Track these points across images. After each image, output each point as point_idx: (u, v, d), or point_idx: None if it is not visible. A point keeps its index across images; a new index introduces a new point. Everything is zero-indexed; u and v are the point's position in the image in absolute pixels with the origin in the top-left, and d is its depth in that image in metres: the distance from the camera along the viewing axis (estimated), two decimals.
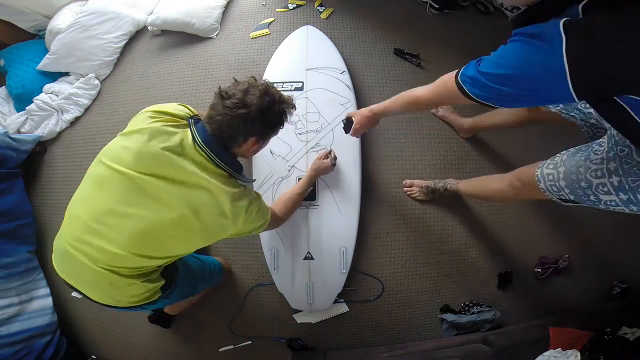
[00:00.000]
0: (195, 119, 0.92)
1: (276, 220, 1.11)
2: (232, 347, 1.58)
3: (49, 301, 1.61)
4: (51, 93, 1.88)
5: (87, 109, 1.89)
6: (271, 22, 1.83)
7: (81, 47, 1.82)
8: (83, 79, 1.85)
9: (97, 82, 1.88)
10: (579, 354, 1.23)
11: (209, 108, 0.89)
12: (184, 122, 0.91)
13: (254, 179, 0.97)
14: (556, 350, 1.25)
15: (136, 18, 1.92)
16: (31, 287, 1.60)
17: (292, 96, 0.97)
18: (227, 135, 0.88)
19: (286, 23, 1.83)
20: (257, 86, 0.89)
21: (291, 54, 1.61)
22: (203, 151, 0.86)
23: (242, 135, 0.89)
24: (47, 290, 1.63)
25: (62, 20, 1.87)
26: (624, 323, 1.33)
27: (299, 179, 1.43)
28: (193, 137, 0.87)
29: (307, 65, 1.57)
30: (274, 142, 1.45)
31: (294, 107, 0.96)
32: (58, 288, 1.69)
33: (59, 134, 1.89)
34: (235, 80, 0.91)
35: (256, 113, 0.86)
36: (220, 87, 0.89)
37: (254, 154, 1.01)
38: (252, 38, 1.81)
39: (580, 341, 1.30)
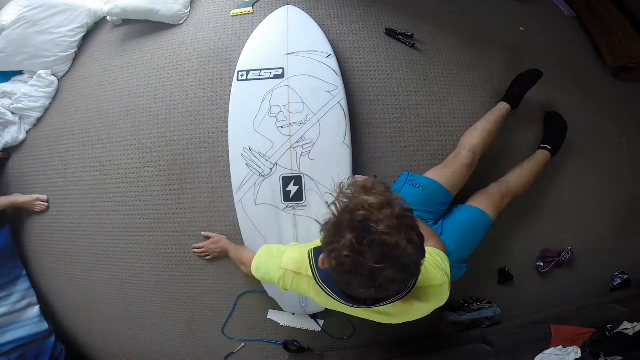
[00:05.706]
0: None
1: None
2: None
3: (36, 309, 1.59)
4: (4, 95, 1.70)
5: (47, 110, 1.73)
6: (257, 0, 1.65)
7: (31, 44, 1.64)
8: (36, 76, 1.68)
9: (52, 78, 1.70)
10: (579, 351, 1.23)
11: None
12: None
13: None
14: (557, 347, 1.25)
15: (92, 9, 1.73)
16: (19, 297, 1.55)
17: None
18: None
19: (264, 4, 1.64)
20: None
21: (269, 37, 1.44)
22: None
23: None
24: (34, 299, 1.60)
25: (6, 16, 1.68)
26: (625, 317, 1.32)
27: (283, 177, 1.31)
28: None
29: (288, 49, 1.39)
30: (253, 138, 1.32)
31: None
32: (48, 296, 1.66)
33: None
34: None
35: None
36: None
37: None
38: (233, 16, 1.64)
39: (581, 338, 1.29)
